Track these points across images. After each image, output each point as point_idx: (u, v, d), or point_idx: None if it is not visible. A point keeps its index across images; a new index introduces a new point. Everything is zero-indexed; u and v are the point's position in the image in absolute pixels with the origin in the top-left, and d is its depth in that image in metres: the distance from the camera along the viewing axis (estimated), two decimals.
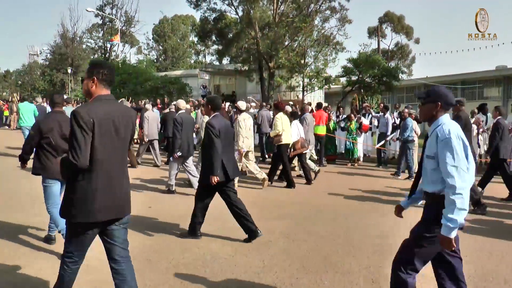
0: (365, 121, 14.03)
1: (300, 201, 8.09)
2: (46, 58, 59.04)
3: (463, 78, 33.95)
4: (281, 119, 9.62)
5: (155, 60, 57.11)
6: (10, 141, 16.33)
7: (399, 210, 3.58)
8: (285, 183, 9.67)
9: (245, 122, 9.13)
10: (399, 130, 12.82)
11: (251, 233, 5.55)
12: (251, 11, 23.12)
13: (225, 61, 34.46)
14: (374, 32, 49.92)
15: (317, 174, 10.69)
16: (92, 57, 51.28)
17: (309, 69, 25.21)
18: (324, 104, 16.34)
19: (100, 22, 50.84)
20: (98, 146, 3.03)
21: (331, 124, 14.02)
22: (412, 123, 11.19)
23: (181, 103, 9.15)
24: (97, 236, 3.35)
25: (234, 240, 5.63)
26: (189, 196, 8.49)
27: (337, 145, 14.66)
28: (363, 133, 14.01)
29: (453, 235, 2.92)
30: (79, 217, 3.09)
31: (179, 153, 8.24)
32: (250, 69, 27.25)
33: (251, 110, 16.10)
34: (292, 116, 10.55)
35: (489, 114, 12.37)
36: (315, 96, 27.93)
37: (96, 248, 5.17)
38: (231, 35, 28.31)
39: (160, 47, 59.78)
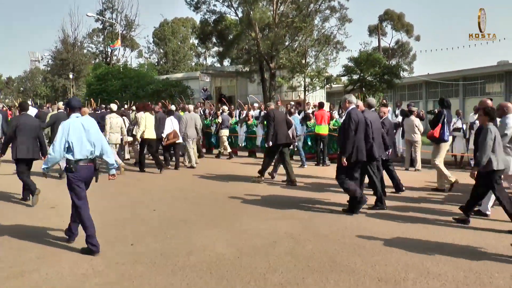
0: None
1: (303, 200, 8.09)
2: (47, 64, 59.24)
3: (465, 74, 33.85)
4: (145, 118, 11.70)
5: (156, 64, 57.13)
6: None
7: None
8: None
9: (111, 120, 11.53)
10: (401, 128, 12.84)
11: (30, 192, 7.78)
12: (251, 12, 23.05)
13: (226, 63, 34.48)
14: (374, 30, 49.94)
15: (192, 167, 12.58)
16: (93, 61, 51.36)
17: (310, 69, 25.18)
18: (326, 104, 16.47)
19: (101, 26, 50.89)
20: None
21: (333, 123, 13.96)
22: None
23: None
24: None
25: (239, 241, 5.64)
26: (194, 201, 8.53)
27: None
28: None
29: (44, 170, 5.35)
30: None
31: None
32: (251, 70, 27.23)
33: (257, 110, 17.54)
34: (169, 114, 12.95)
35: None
36: (317, 96, 27.91)
37: (105, 253, 5.19)
38: (231, 37, 28.28)
39: (161, 50, 59.79)
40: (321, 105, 13.75)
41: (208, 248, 5.36)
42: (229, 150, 15.20)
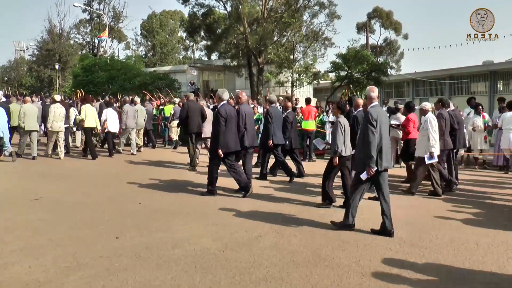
0: None
1: (288, 196, 8.12)
2: (33, 54, 58.42)
3: (451, 73, 34.25)
4: (86, 108, 12.77)
5: (143, 56, 56.66)
6: None
7: None
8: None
9: (55, 110, 12.22)
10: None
11: None
12: (240, 7, 23.01)
13: (214, 56, 34.34)
14: (363, 27, 50.10)
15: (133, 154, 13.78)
16: (80, 53, 50.79)
17: (298, 64, 25.23)
18: (314, 100, 16.50)
19: (88, 17, 50.39)
20: None
21: (318, 119, 14.01)
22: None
23: None
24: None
25: (224, 235, 5.65)
26: (181, 193, 8.50)
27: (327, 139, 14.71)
28: None
29: None
30: None
31: None
32: (239, 64, 27.18)
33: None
34: (107, 105, 14.08)
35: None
36: (304, 92, 27.99)
37: (89, 246, 5.16)
38: (219, 31, 28.16)
39: (149, 43, 59.35)
40: (308, 101, 13.79)
41: (193, 242, 5.36)
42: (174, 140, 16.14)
